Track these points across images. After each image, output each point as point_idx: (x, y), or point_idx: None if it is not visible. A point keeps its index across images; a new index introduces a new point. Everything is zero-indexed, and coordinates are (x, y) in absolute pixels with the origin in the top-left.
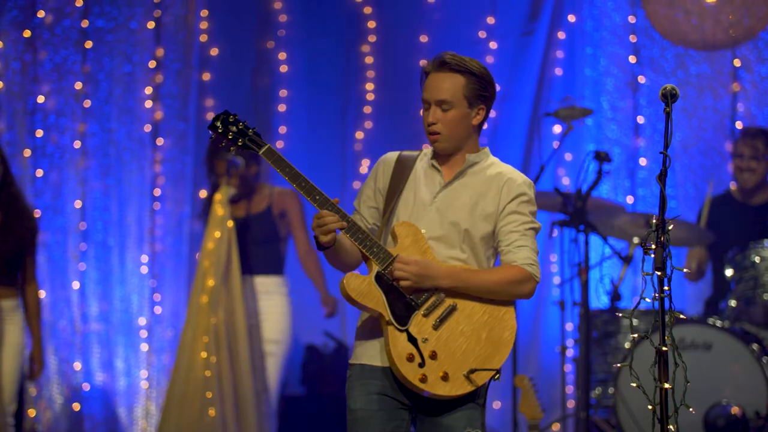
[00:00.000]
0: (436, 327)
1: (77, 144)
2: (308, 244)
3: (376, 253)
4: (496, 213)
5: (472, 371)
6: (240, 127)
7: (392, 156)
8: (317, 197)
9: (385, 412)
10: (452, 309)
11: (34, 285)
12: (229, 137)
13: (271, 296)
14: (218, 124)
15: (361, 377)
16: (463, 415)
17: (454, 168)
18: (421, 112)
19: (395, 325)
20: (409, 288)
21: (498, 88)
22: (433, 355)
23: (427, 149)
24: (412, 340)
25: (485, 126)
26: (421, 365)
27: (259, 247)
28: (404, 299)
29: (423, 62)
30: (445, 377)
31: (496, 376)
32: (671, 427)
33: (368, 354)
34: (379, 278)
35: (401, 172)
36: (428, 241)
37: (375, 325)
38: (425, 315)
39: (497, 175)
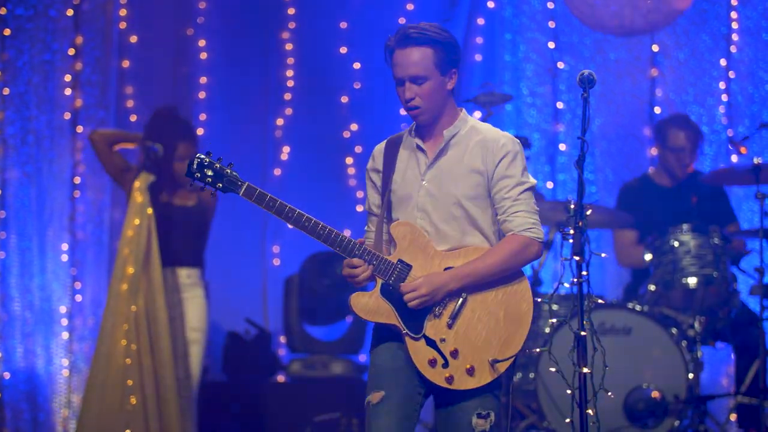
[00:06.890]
0: (450, 325)
1: None
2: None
3: (376, 267)
4: (485, 172)
5: (495, 362)
6: (216, 168)
7: (379, 147)
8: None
9: (406, 373)
10: (463, 301)
11: None
12: (208, 181)
13: (194, 287)
14: (194, 168)
15: (387, 336)
16: (475, 401)
17: (437, 145)
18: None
19: (411, 334)
20: (428, 305)
21: None
22: (455, 353)
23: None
24: (430, 343)
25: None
26: (445, 365)
27: (189, 241)
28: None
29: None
30: (470, 371)
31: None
32: (590, 411)
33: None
34: (385, 290)
35: (390, 158)
36: (427, 226)
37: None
38: (437, 316)
39: (479, 141)
